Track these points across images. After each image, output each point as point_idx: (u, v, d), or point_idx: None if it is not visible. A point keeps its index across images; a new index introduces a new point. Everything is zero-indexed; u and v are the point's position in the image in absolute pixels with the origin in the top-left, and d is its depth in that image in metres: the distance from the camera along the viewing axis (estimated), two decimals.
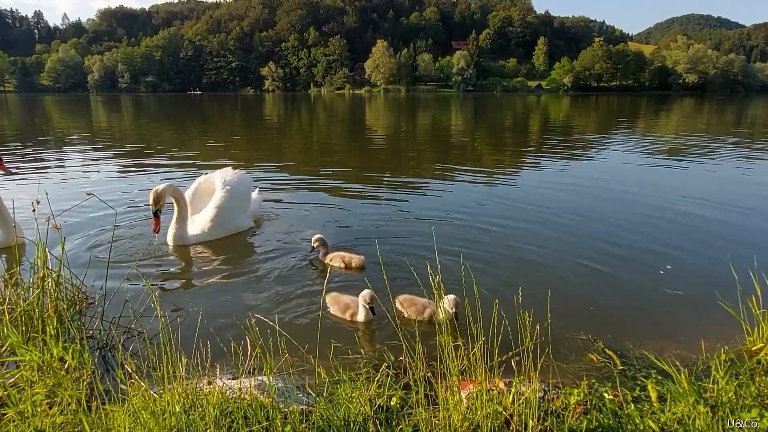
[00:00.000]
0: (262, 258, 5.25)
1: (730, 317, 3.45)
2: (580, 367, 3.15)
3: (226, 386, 2.47)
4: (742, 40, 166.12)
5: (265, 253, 5.41)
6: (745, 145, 15.77)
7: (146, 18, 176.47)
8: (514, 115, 35.20)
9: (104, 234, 5.88)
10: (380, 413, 2.41)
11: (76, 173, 10.47)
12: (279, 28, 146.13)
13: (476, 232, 6.12)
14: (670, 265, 4.89)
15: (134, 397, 2.30)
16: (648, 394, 2.71)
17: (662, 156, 13.47)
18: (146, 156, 13.07)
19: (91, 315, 3.71)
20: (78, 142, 16.58)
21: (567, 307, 4.01)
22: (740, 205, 7.46)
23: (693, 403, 2.48)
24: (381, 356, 3.20)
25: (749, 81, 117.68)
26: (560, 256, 5.21)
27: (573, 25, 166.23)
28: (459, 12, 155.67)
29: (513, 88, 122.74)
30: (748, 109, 40.91)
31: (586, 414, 2.47)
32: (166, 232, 5.61)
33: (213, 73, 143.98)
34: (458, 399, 2.33)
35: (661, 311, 4.03)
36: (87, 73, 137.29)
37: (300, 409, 2.41)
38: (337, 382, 2.68)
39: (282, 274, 4.78)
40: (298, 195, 8.26)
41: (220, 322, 3.74)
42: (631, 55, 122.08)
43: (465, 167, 11.26)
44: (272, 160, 12.62)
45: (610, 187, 8.95)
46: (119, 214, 6.70)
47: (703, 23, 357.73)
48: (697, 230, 6.20)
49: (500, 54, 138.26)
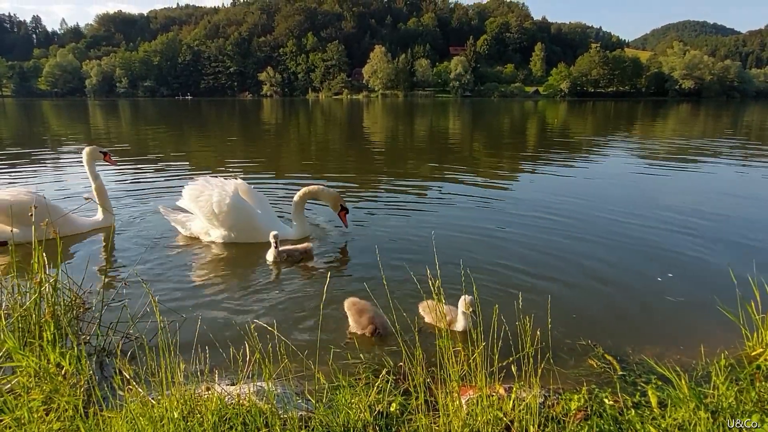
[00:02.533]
0: (262, 262, 5.24)
1: (729, 322, 3.45)
2: (580, 372, 3.14)
3: (225, 392, 2.45)
4: (737, 46, 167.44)
5: (266, 258, 5.39)
6: (742, 150, 15.85)
7: (144, 23, 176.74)
8: (511, 121, 35.33)
9: (102, 239, 5.86)
10: (380, 419, 2.39)
11: (73, 177, 10.44)
12: (277, 34, 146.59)
13: (475, 237, 6.11)
14: (671, 272, 4.88)
15: (132, 404, 2.28)
16: (648, 399, 2.70)
17: (660, 161, 13.51)
18: (143, 160, 13.05)
19: (88, 320, 3.68)
20: (76, 146, 16.54)
21: (566, 313, 4.00)
22: (739, 209, 7.49)
23: (694, 408, 2.47)
24: (380, 361, 3.18)
25: (745, 87, 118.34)
26: (560, 262, 5.20)
27: (570, 31, 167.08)
28: (456, 18, 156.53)
29: (510, 93, 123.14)
30: (744, 115, 41.14)
31: (586, 420, 2.46)
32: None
33: (211, 78, 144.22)
34: (458, 405, 2.32)
35: (660, 316, 4.02)
36: (85, 77, 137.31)
37: (299, 416, 2.39)
38: (336, 387, 2.66)
39: (282, 278, 4.77)
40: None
41: (219, 327, 3.72)
42: (627, 61, 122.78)
43: (463, 172, 11.27)
44: (270, 164, 12.62)
45: (609, 192, 8.97)
46: (117, 218, 6.67)
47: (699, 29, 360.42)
48: (695, 235, 6.20)
49: (498, 60, 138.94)
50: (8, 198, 5.39)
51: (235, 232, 5.69)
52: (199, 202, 5.61)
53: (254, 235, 5.72)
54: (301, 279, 4.78)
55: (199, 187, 5.74)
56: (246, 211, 5.71)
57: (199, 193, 5.67)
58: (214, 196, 5.57)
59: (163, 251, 5.54)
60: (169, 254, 5.47)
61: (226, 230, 5.68)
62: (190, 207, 5.74)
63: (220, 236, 5.72)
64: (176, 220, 5.98)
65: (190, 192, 5.72)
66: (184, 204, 5.80)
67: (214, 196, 5.57)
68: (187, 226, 5.92)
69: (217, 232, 5.73)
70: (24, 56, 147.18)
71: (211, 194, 5.61)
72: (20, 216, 5.08)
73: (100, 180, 6.33)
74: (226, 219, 5.59)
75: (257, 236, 5.68)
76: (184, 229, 5.96)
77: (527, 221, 6.84)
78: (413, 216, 7.13)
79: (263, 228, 5.60)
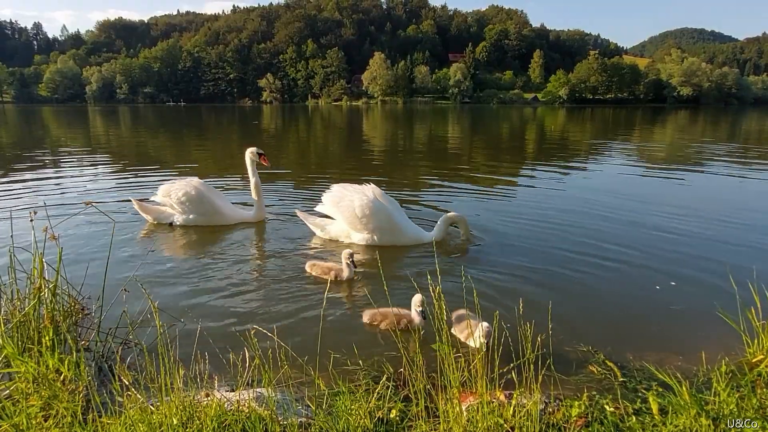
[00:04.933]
0: (263, 268, 5.24)
1: (730, 329, 3.44)
2: (580, 379, 3.13)
3: (224, 398, 2.44)
4: (735, 53, 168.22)
5: (266, 263, 5.39)
6: (741, 156, 15.89)
7: (145, 30, 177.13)
8: (511, 127, 35.42)
9: (102, 243, 5.85)
10: (380, 426, 2.38)
11: (74, 182, 10.44)
12: (277, 40, 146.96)
13: (475, 242, 6.13)
14: (674, 281, 4.86)
15: (130, 410, 2.27)
16: (649, 406, 2.69)
17: (659, 168, 13.54)
18: (144, 166, 13.06)
19: (87, 326, 3.67)
20: (76, 152, 16.55)
21: (567, 319, 4.00)
22: (739, 216, 7.49)
23: (695, 415, 2.46)
24: (380, 367, 3.16)
25: (743, 94, 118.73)
26: (560, 269, 5.20)
27: (568, 38, 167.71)
28: (455, 25, 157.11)
29: (509, 100, 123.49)
30: (743, 122, 41.28)
31: (587, 426, 2.45)
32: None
33: (211, 85, 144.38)
34: (458, 411, 2.31)
35: (661, 323, 4.02)
36: (85, 84, 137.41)
37: (299, 422, 2.38)
38: (336, 394, 2.65)
39: (282, 284, 4.76)
40: (301, 204, 8.25)
41: (219, 332, 3.70)
42: (625, 68, 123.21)
43: (462, 178, 11.28)
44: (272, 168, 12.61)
45: (609, 200, 8.93)
46: (117, 223, 6.66)
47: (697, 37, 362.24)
48: (696, 242, 6.22)
49: (496, 66, 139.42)
50: (183, 186, 6.74)
51: (377, 234, 5.92)
52: (341, 207, 5.93)
53: (396, 236, 5.96)
54: (302, 284, 4.77)
55: (338, 193, 6.07)
56: (387, 213, 5.92)
57: (340, 198, 6.00)
58: (355, 201, 5.86)
59: (162, 257, 5.53)
60: (169, 259, 5.46)
61: (368, 233, 5.93)
62: (332, 212, 6.09)
63: (362, 239, 5.98)
64: (314, 224, 6.31)
65: (331, 198, 6.08)
66: (325, 209, 6.16)
67: (355, 201, 5.86)
68: (327, 230, 6.23)
69: (359, 235, 5.99)
70: (25, 62, 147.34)
71: (352, 199, 5.89)
72: (191, 203, 6.68)
73: (257, 178, 6.99)
74: (368, 222, 5.85)
75: (399, 237, 5.96)
76: (323, 233, 6.25)
77: (527, 228, 6.85)
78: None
79: (404, 229, 5.94)
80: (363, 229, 5.91)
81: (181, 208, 6.80)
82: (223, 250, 5.89)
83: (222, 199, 7.12)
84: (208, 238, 6.46)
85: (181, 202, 6.75)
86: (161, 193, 6.84)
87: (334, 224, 6.21)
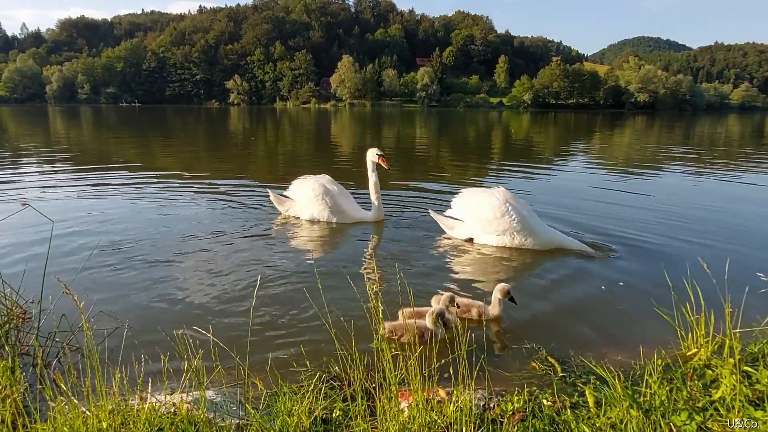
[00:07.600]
0: (206, 269, 5.14)
1: (668, 324, 3.57)
2: (523, 375, 3.20)
3: (159, 402, 2.38)
4: (689, 61, 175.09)
5: (210, 263, 5.30)
6: (692, 158, 16.57)
7: (108, 29, 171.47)
8: (477, 131, 35.93)
9: (42, 245, 5.62)
10: (319, 425, 2.37)
11: (11, 183, 10.03)
12: (244, 42, 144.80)
13: (423, 241, 6.20)
14: (621, 281, 5.01)
15: (59, 416, 2.20)
16: (586, 399, 2.77)
17: (615, 169, 13.99)
18: (93, 167, 12.65)
19: (27, 330, 3.54)
20: (24, 153, 15.90)
21: (511, 317, 4.10)
22: (687, 215, 7.80)
23: (627, 407, 2.55)
24: (327, 368, 3.15)
25: (696, 100, 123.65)
26: (509, 267, 5.31)
27: (532, 44, 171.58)
28: (423, 30, 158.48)
29: (476, 104, 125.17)
30: (696, 127, 43.12)
31: (523, 421, 2.51)
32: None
33: (177, 86, 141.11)
34: (397, 409, 2.33)
35: (603, 320, 4.16)
36: (45, 83, 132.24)
37: (236, 423, 2.35)
38: (275, 394, 2.63)
39: (224, 284, 4.69)
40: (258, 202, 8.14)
41: (158, 335, 3.62)
42: (586, 74, 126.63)
43: (430, 178, 11.38)
44: (236, 172, 12.43)
45: (568, 201, 9.13)
46: (56, 223, 6.40)
47: (653, 45, 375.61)
48: (641, 241, 6.43)
49: (463, 71, 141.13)
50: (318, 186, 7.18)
51: (507, 235, 6.10)
52: (471, 210, 6.30)
53: (528, 237, 6.07)
54: (245, 284, 4.71)
55: (467, 197, 6.47)
56: (520, 214, 6.07)
57: (469, 201, 6.38)
58: (488, 204, 6.12)
59: (105, 259, 5.37)
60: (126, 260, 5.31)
61: (500, 234, 6.12)
62: (463, 215, 6.42)
63: (494, 241, 6.19)
64: (446, 225, 6.64)
65: (460, 202, 6.49)
66: (456, 213, 6.51)
67: (488, 204, 6.12)
68: (457, 230, 6.50)
69: (489, 237, 6.21)
70: None
71: (486, 201, 6.15)
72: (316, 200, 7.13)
73: (376, 177, 7.25)
74: (500, 224, 6.06)
75: (531, 237, 6.07)
76: (455, 233, 6.54)
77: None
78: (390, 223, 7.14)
79: (536, 229, 6.08)
80: (494, 230, 6.13)
81: (308, 203, 7.20)
82: (169, 252, 5.74)
83: (347, 198, 7.43)
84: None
85: (308, 198, 7.18)
86: (292, 187, 7.44)
87: (461, 226, 6.46)
